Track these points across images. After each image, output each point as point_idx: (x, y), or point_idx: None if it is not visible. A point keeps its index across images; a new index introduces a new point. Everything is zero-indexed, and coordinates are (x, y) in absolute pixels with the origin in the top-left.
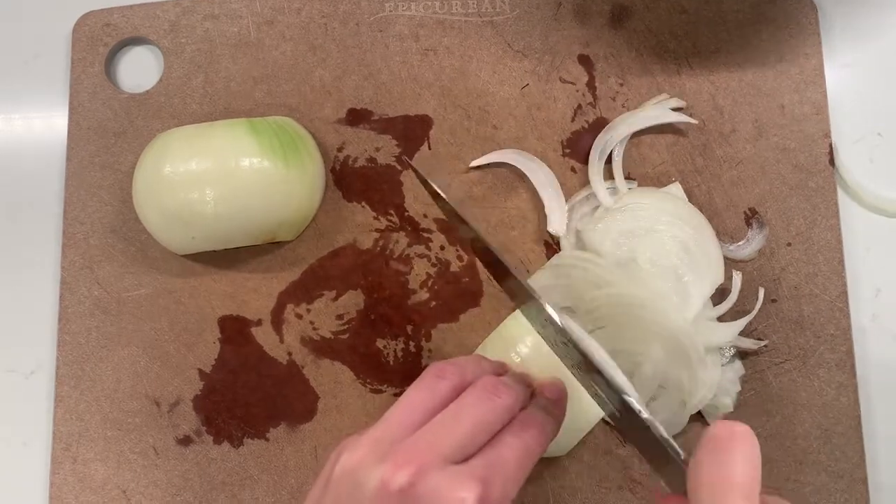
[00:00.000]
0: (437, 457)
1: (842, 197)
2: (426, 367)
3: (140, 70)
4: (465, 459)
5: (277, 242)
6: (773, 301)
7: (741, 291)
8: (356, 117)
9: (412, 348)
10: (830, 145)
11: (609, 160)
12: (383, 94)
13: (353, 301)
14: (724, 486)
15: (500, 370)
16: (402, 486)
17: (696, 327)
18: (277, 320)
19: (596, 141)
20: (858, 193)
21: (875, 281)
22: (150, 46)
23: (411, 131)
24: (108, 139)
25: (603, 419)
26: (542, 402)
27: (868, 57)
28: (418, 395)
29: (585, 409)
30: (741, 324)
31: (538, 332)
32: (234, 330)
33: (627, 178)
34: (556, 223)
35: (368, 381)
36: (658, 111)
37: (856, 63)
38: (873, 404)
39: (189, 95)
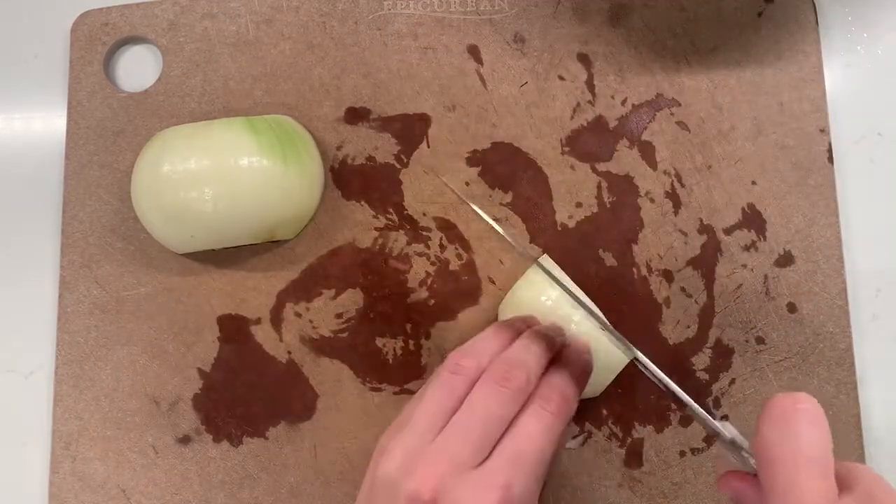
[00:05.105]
0: (457, 466)
1: (842, 195)
2: (425, 365)
3: (139, 69)
4: (489, 453)
5: (276, 241)
6: (773, 299)
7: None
8: (355, 116)
9: (411, 347)
10: (829, 143)
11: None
12: (382, 93)
13: (352, 299)
14: (797, 462)
15: (524, 328)
16: (426, 501)
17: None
18: (277, 319)
19: None
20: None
21: (875, 281)
22: (148, 45)
23: (410, 130)
24: (106, 138)
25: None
26: (567, 356)
27: (868, 56)
28: (435, 395)
29: (615, 349)
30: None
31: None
32: (234, 329)
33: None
34: None
35: (368, 379)
36: None
37: (856, 63)
38: (873, 405)
39: (188, 94)
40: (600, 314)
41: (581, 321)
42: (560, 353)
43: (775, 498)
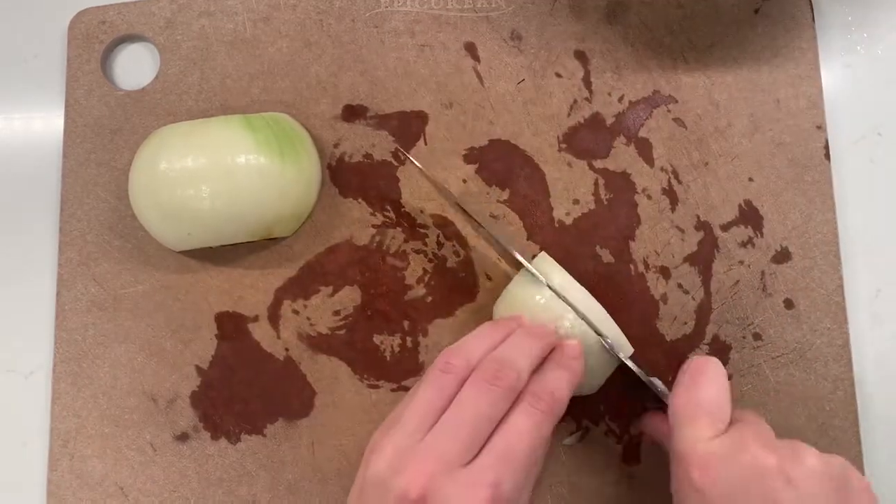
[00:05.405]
0: (446, 464)
1: (842, 195)
2: (423, 362)
3: (136, 67)
4: (478, 451)
5: (274, 238)
6: (770, 295)
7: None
8: (352, 113)
9: (409, 344)
10: (826, 140)
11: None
12: (379, 90)
13: (349, 297)
14: (692, 406)
15: (515, 326)
16: (415, 500)
17: None
18: (274, 316)
19: None
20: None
21: (875, 281)
22: (145, 43)
23: (407, 127)
24: (104, 136)
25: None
26: (559, 356)
27: (867, 56)
28: (426, 394)
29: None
30: None
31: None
32: (231, 326)
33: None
34: None
35: (365, 376)
36: None
37: (855, 62)
38: (873, 405)
39: (185, 92)
40: (601, 309)
41: (576, 318)
42: (552, 352)
43: (673, 437)
